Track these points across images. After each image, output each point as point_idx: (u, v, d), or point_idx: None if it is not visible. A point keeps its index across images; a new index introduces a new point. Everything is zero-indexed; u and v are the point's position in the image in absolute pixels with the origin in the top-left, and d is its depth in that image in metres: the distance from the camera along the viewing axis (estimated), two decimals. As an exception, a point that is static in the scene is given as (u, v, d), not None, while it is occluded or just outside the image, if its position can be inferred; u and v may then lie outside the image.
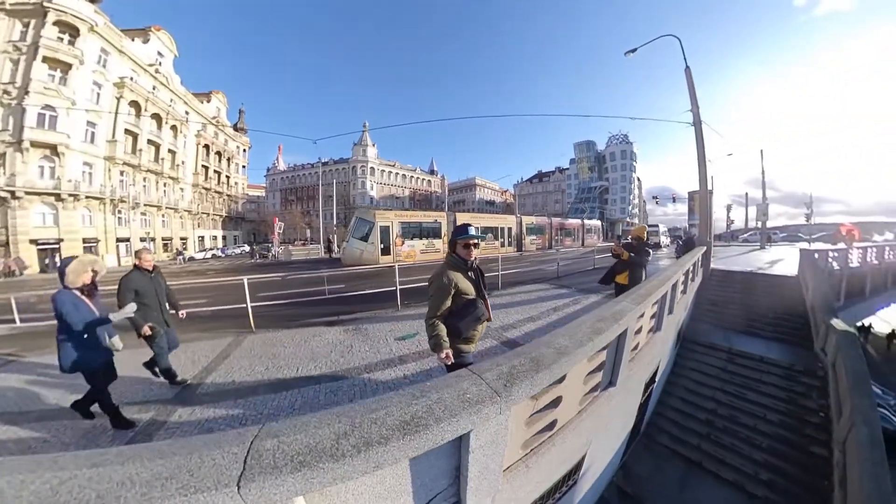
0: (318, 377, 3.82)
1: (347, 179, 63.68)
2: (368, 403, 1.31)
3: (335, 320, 6.09)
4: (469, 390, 1.43)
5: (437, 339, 2.19)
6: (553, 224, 27.74)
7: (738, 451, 4.56)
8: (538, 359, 1.74)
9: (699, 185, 10.86)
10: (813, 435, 4.68)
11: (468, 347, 2.42)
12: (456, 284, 2.27)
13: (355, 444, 1.10)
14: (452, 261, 2.39)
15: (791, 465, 4.37)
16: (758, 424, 4.95)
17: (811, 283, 8.30)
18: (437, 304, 2.25)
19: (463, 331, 2.29)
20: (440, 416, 1.26)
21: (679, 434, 5.07)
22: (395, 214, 16.57)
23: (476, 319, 2.32)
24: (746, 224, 37.23)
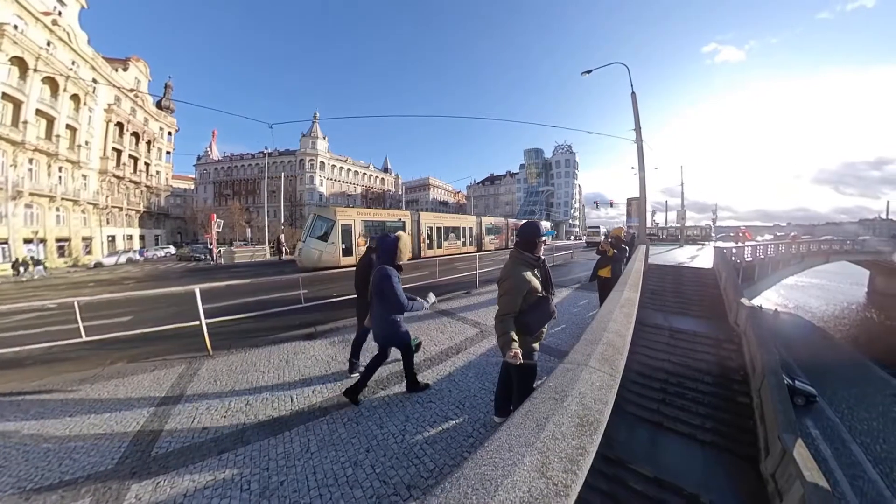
0: (323, 405, 3.16)
1: (294, 174, 59.55)
2: (520, 423, 1.19)
3: (313, 332, 5.39)
4: (594, 379, 1.54)
5: (506, 337, 2.16)
6: (509, 224, 29.51)
7: (688, 410, 5.54)
8: (612, 343, 2.04)
9: (639, 193, 12.55)
10: (737, 388, 5.88)
11: (537, 345, 2.46)
12: (527, 284, 2.28)
13: (563, 468, 1.00)
14: (523, 258, 2.37)
15: (726, 413, 5.46)
16: (699, 386, 6.02)
17: (724, 272, 10.23)
18: (510, 303, 2.25)
19: (534, 328, 2.31)
20: (597, 408, 1.32)
21: (641, 402, 5.92)
22: (357, 212, 16.00)
23: (548, 316, 2.34)
24: (666, 225, 43.43)
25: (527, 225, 2.48)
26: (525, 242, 2.40)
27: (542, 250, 2.46)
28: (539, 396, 1.38)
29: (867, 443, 10.62)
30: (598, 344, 1.94)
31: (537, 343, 2.46)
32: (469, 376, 3.91)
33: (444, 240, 20.86)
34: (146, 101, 41.44)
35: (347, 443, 2.65)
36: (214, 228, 20.98)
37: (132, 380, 3.84)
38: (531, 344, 2.38)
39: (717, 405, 5.65)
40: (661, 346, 7.12)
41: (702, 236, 32.72)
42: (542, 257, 2.46)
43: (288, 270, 13.85)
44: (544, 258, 2.52)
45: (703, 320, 8.40)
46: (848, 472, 9.08)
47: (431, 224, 20.07)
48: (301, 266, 14.21)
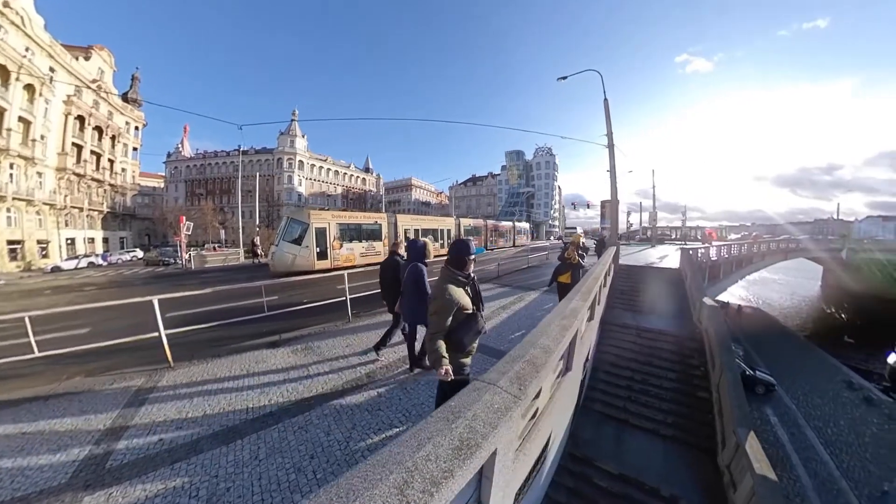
0: (277, 413, 3.25)
1: (271, 173, 57.74)
2: (406, 441, 1.21)
3: (277, 340, 5.30)
4: (494, 400, 1.50)
5: (436, 354, 2.18)
6: (488, 226, 29.74)
7: (652, 406, 5.79)
8: (534, 360, 1.96)
9: (611, 196, 12.98)
10: (698, 384, 6.18)
11: (468, 360, 2.49)
12: (458, 301, 2.31)
13: (423, 488, 1.01)
14: (453, 277, 2.40)
15: (687, 408, 5.73)
16: (662, 383, 6.30)
17: (688, 272, 10.72)
18: (440, 322, 2.26)
19: (465, 345, 2.34)
20: (483, 431, 1.29)
21: (608, 400, 6.13)
22: (332, 215, 15.57)
23: (477, 333, 2.38)
24: (641, 226, 45.19)
25: (457, 243, 2.50)
26: (455, 260, 2.42)
27: (472, 268, 2.48)
28: (435, 416, 1.39)
29: (819, 427, 11.42)
30: (518, 362, 1.91)
31: (468, 358, 2.49)
32: (420, 384, 3.96)
33: None
34: (111, 94, 38.93)
35: (295, 450, 2.76)
36: (184, 231, 19.67)
37: (89, 395, 3.73)
38: (462, 360, 2.41)
39: (679, 400, 5.92)
40: (628, 345, 7.39)
41: (682, 237, 34.30)
42: (472, 275, 2.50)
43: (260, 276, 13.35)
44: (474, 275, 2.55)
45: (669, 319, 8.78)
46: (803, 455, 9.73)
47: (409, 226, 19.96)
48: (274, 271, 13.81)
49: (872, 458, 9.90)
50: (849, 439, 10.85)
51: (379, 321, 6.37)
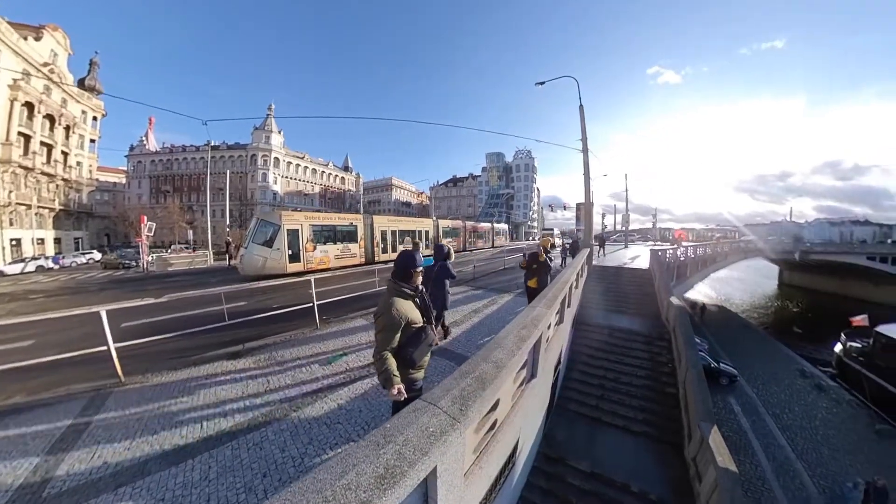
0: (232, 430, 3.08)
1: (245, 170, 55.35)
2: (331, 466, 1.16)
3: (240, 350, 5.02)
4: (431, 423, 1.44)
5: (386, 373, 2.08)
6: (467, 227, 29.84)
7: (623, 404, 5.95)
8: (482, 376, 1.89)
9: (584, 199, 13.33)
10: (666, 380, 6.41)
11: (420, 374, 2.40)
12: (406, 316, 2.22)
13: None
14: (400, 290, 2.30)
15: (655, 404, 5.93)
16: (633, 381, 6.49)
17: (657, 273, 11.15)
18: (388, 339, 2.16)
19: (416, 360, 2.26)
20: (412, 458, 1.23)
21: (582, 399, 6.25)
22: (304, 216, 15.00)
23: (428, 346, 2.32)
24: (615, 228, 47.02)
25: (403, 255, 2.42)
26: (401, 273, 2.35)
27: (419, 280, 2.42)
28: (367, 439, 1.32)
29: (777, 413, 12.16)
30: (466, 378, 1.83)
31: (421, 372, 2.42)
32: (382, 395, 3.84)
33: (399, 243, 20.44)
34: (65, 79, 35.82)
35: (247, 468, 2.65)
36: (145, 231, 18.27)
37: (28, 415, 3.43)
38: (414, 375, 2.33)
39: (649, 397, 6.12)
40: (601, 345, 7.58)
41: (660, 238, 35.95)
42: (419, 287, 2.44)
43: (231, 279, 12.71)
44: (422, 288, 2.49)
45: (640, 318, 9.10)
46: (763, 441, 10.31)
47: (386, 228, 19.39)
48: (243, 274, 13.20)
49: (823, 441, 10.68)
50: (803, 424, 11.63)
51: (348, 328, 6.17)
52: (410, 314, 2.27)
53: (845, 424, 11.85)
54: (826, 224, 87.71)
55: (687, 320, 7.16)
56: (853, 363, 15.29)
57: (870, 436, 11.23)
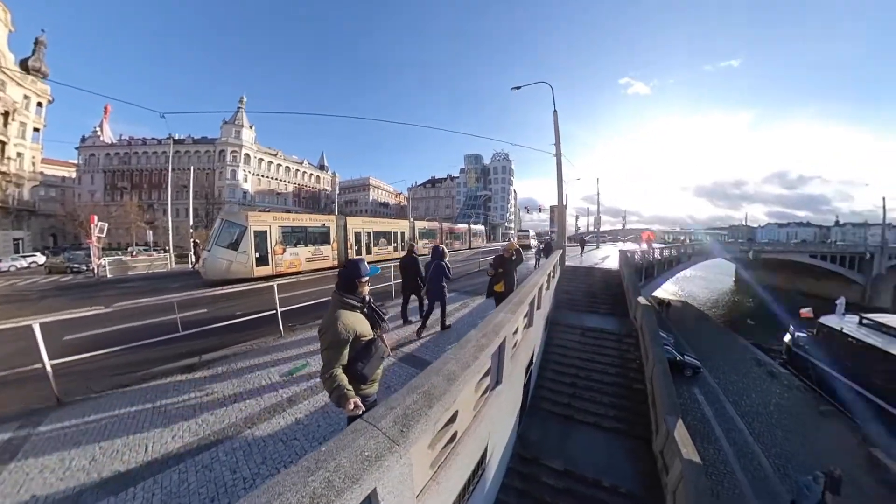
0: (180, 452, 2.85)
1: (212, 166, 52.37)
2: (256, 497, 1.10)
3: (196, 363, 4.66)
4: (367, 446, 1.34)
5: (339, 390, 1.94)
6: (443, 228, 29.77)
7: (594, 401, 6.11)
8: (431, 391, 1.77)
9: (557, 202, 13.67)
10: (634, 377, 6.65)
11: (373, 389, 2.29)
12: (353, 330, 2.09)
13: None
14: (345, 302, 2.17)
15: (625, 400, 6.13)
16: (603, 378, 6.69)
17: (625, 273, 11.61)
18: (335, 356, 2.02)
19: (368, 375, 2.15)
20: (341, 486, 1.16)
21: (555, 398, 6.37)
22: (273, 217, 14.24)
23: (379, 359, 2.22)
24: (588, 229, 48.82)
25: (347, 265, 2.28)
26: (346, 284, 2.21)
27: (367, 290, 2.29)
28: (298, 465, 1.25)
29: (736, 400, 13.06)
30: (413, 394, 1.73)
31: (374, 386, 2.31)
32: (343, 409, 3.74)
33: (374, 245, 20.02)
34: (4, 59, 32.07)
35: (195, 493, 2.46)
36: (95, 232, 16.57)
37: None
38: (366, 390, 2.22)
39: (619, 393, 6.33)
40: (573, 344, 7.77)
41: (634, 238, 37.55)
42: (367, 297, 2.31)
43: (193, 284, 11.82)
44: (370, 297, 2.35)
45: (610, 316, 9.43)
46: (724, 426, 11.01)
47: (360, 229, 18.91)
48: (206, 279, 12.37)
49: (777, 423, 11.63)
50: (759, 409, 12.58)
51: (314, 335, 5.89)
52: (359, 327, 2.15)
53: (795, 408, 12.95)
54: (775, 227, 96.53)
55: (653, 318, 7.49)
56: (800, 351, 16.65)
57: (815, 416, 12.41)
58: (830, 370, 14.35)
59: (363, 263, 2.28)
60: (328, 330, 2.05)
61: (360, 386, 2.14)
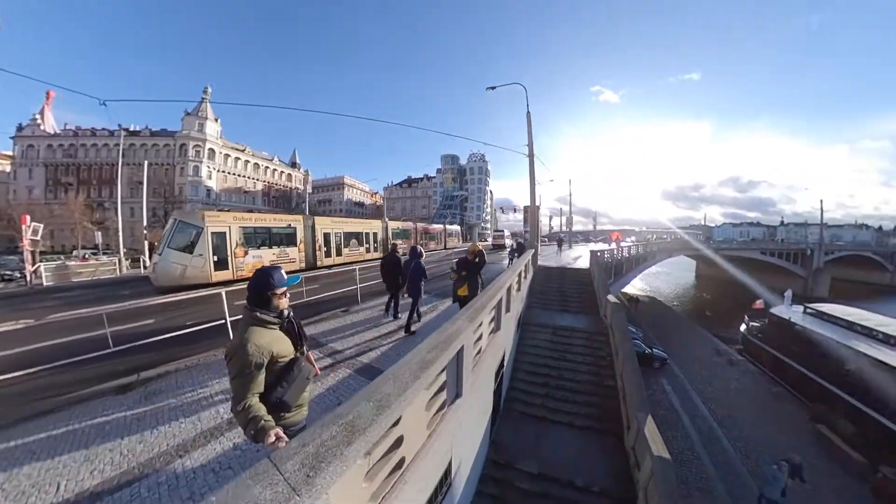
0: (97, 491, 2.48)
1: (172, 161, 48.85)
2: None
3: (133, 382, 4.12)
4: (262, 497, 1.10)
5: (254, 424, 1.61)
6: (418, 228, 29.38)
7: (567, 400, 6.12)
8: (354, 422, 1.50)
9: (530, 202, 13.83)
10: (606, 373, 6.75)
11: (299, 415, 1.98)
12: (268, 351, 1.78)
13: None
14: (258, 320, 1.84)
15: (597, 397, 6.19)
16: (576, 377, 6.74)
17: (596, 272, 11.91)
18: (248, 384, 1.69)
19: (290, 401, 1.84)
20: None
21: (528, 399, 6.33)
22: (233, 217, 13.22)
23: (304, 381, 1.93)
24: (560, 229, 50.32)
25: (256, 275, 1.93)
26: (256, 298, 1.88)
27: (284, 303, 1.97)
28: None
29: (700, 388, 13.78)
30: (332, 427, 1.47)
31: (301, 411, 2.01)
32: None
33: (344, 247, 19.25)
34: None
35: None
36: (28, 234, 14.60)
37: None
38: (290, 419, 1.92)
39: (591, 391, 6.38)
40: (545, 344, 7.80)
41: (604, 238, 38.94)
42: (286, 311, 2.00)
43: (144, 292, 10.74)
44: (289, 311, 2.03)
45: (582, 315, 9.59)
46: (691, 414, 11.59)
47: (329, 229, 18.08)
48: (158, 285, 11.32)
49: (737, 408, 12.37)
50: (720, 395, 13.36)
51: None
52: (276, 347, 1.83)
53: (751, 392, 13.93)
54: (730, 226, 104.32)
55: (622, 316, 7.65)
56: (754, 340, 17.92)
57: (770, 399, 13.46)
58: (781, 356, 15.51)
59: (277, 272, 1.95)
60: (236, 354, 1.71)
61: (281, 415, 1.84)
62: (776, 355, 15.71)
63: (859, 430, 10.53)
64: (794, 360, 14.60)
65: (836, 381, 12.31)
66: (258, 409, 1.66)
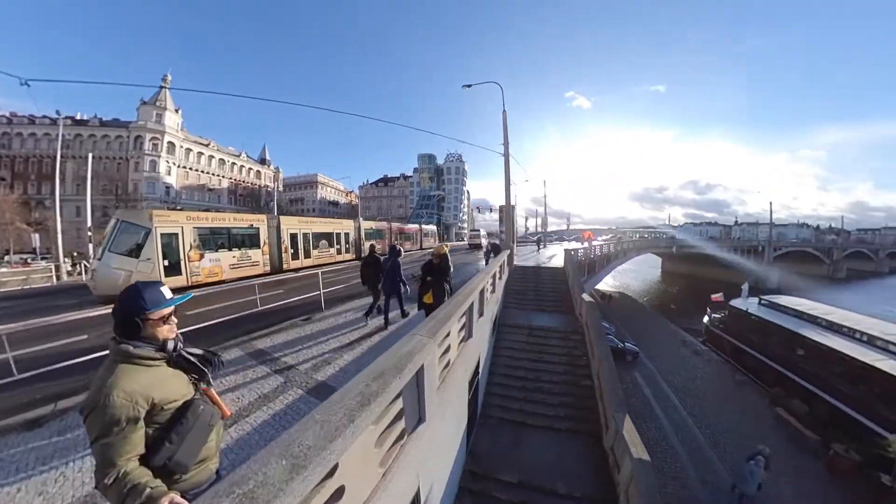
0: None
1: (126, 155, 44.98)
2: None
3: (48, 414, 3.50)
4: None
5: (137, 495, 1.15)
6: (393, 228, 28.24)
7: (545, 402, 6.02)
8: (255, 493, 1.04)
9: (505, 202, 13.84)
10: (582, 373, 6.73)
11: (204, 475, 1.49)
12: (147, 398, 1.29)
13: None
14: (130, 356, 1.33)
15: (574, 397, 6.14)
16: (553, 378, 6.67)
17: (570, 271, 12.06)
18: (117, 449, 1.20)
19: (187, 461, 1.37)
20: None
21: (505, 404, 6.17)
22: (187, 216, 11.90)
23: (206, 428, 1.45)
24: (537, 229, 51.51)
25: (123, 294, 1.42)
26: (125, 325, 1.37)
27: (168, 330, 1.46)
28: None
29: (670, 379, 14.45)
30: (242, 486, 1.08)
31: (208, 465, 1.52)
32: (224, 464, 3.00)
33: (313, 248, 18.08)
34: None
35: None
36: None
37: None
38: (190, 480, 1.43)
39: (568, 392, 6.31)
40: (520, 345, 7.65)
41: (577, 238, 40.27)
42: (174, 340, 1.48)
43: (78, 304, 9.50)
44: (178, 340, 1.50)
45: (557, 314, 9.59)
46: (662, 404, 12.11)
47: (296, 229, 17.02)
48: (97, 294, 9.92)
49: (703, 396, 13.07)
50: (688, 384, 14.09)
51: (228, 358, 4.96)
52: (158, 391, 1.33)
53: (716, 380, 14.79)
54: (691, 226, 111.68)
55: (597, 314, 7.69)
56: (716, 330, 19.12)
57: (732, 386, 14.33)
58: (740, 344, 16.63)
59: (152, 289, 1.44)
60: (96, 408, 1.21)
61: (176, 478, 1.36)
62: (736, 344, 16.81)
63: (811, 411, 11.40)
64: (752, 347, 15.71)
65: (789, 366, 13.35)
66: (138, 476, 1.19)
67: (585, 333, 7.85)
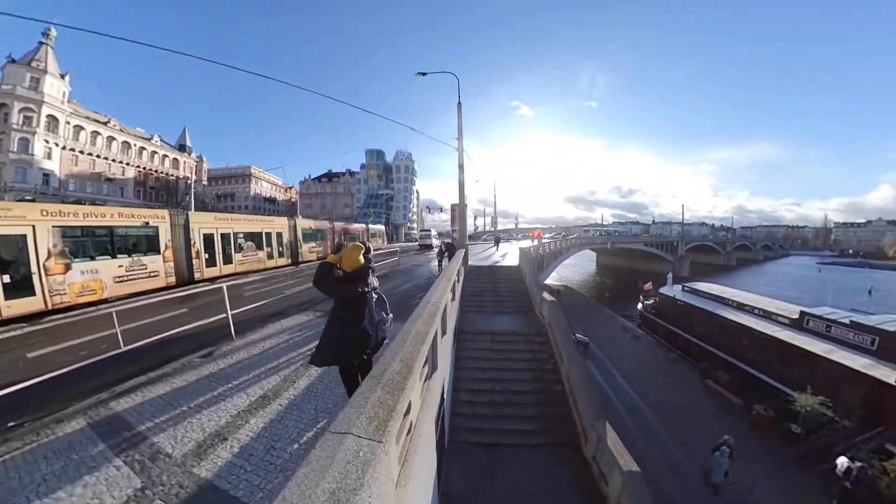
0: None
1: (-23, 137, 35.14)
2: None
3: None
4: None
5: None
6: (336, 228, 24.98)
7: (517, 416, 5.51)
8: None
9: (459, 198, 13.28)
10: (551, 377, 6.38)
11: None
12: None
13: None
14: None
15: (547, 406, 5.72)
16: (522, 387, 6.21)
17: (526, 269, 11.97)
18: None
19: None
20: None
21: (474, 425, 5.51)
22: (42, 210, 8.60)
23: None
24: (485, 228, 52.70)
25: None
26: None
27: None
28: None
29: (618, 365, 15.47)
30: None
31: None
32: None
33: (235, 252, 14.88)
34: None
35: None
36: None
37: None
38: None
39: (539, 401, 5.84)
40: (483, 354, 7.05)
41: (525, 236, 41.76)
42: None
43: None
44: None
45: (518, 315, 9.22)
46: (615, 390, 12.87)
47: (211, 229, 13.64)
48: None
49: (646, 377, 14.30)
50: (633, 368, 15.27)
51: (65, 434, 3.28)
52: None
53: (655, 361, 16.45)
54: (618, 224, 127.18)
55: (560, 314, 7.45)
56: (649, 315, 21.44)
57: (668, 364, 16.10)
58: (670, 326, 18.75)
59: None
60: None
61: None
62: (667, 326, 18.99)
63: (732, 378, 13.13)
64: (680, 328, 17.90)
65: (710, 342, 15.50)
66: None
67: (549, 334, 7.57)
